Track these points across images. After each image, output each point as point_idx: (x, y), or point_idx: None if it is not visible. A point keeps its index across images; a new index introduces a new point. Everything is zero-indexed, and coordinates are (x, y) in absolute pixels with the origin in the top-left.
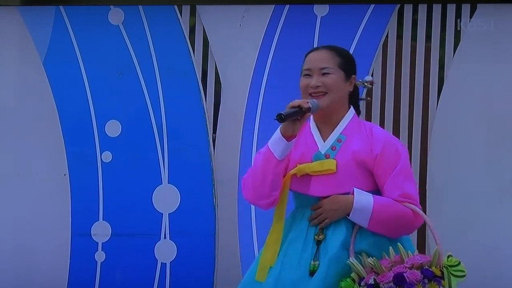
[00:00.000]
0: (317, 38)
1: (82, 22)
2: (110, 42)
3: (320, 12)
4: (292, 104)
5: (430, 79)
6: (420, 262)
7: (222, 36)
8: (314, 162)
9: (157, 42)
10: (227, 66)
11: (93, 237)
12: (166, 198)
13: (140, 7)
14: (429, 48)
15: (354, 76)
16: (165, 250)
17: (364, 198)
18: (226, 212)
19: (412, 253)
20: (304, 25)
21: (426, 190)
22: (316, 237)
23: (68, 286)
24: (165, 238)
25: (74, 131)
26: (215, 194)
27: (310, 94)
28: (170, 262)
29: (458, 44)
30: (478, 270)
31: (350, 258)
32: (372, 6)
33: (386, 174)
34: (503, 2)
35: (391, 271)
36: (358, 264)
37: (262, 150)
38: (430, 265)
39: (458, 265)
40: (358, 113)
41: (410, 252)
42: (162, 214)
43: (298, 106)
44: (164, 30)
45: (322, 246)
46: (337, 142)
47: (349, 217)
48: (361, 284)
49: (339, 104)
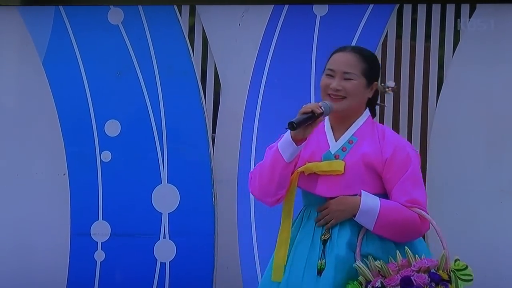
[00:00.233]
0: (316, 38)
1: (82, 22)
2: (110, 42)
3: (319, 12)
4: (304, 109)
5: (430, 79)
6: (427, 266)
7: (222, 36)
8: (323, 161)
9: (156, 42)
10: (227, 66)
11: (92, 236)
12: (166, 198)
13: (139, 7)
14: (428, 48)
15: (376, 82)
16: (164, 250)
17: (371, 201)
18: (225, 211)
19: (427, 256)
20: (303, 25)
21: (425, 190)
22: (322, 236)
23: (67, 285)
24: (164, 237)
25: (74, 131)
26: (215, 193)
27: (329, 95)
28: (169, 262)
29: (457, 44)
30: (478, 270)
31: (356, 262)
32: (371, 6)
33: (395, 178)
34: (503, 2)
35: (398, 275)
36: (365, 267)
37: (272, 147)
38: (437, 269)
39: (465, 269)
40: (373, 115)
41: (417, 256)
42: (162, 213)
43: (311, 111)
44: (163, 30)
45: (328, 245)
46: (348, 143)
47: (355, 218)
48: (367, 287)
49: (356, 108)
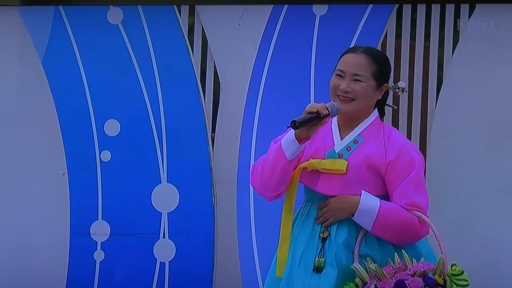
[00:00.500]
0: (316, 37)
1: (81, 22)
2: (109, 42)
3: (319, 11)
4: (310, 109)
5: (429, 79)
6: (423, 270)
7: (221, 35)
8: (326, 159)
9: (156, 42)
10: (226, 65)
11: (92, 236)
12: (165, 198)
13: (139, 7)
14: (428, 47)
15: (386, 84)
16: (164, 250)
17: (370, 201)
18: (225, 211)
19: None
20: (303, 24)
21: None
22: (321, 234)
23: (67, 285)
24: (164, 237)
25: (73, 131)
26: (214, 193)
27: (338, 96)
28: (169, 262)
29: (457, 43)
30: (477, 270)
31: (354, 263)
32: (371, 6)
33: (397, 181)
34: (502, 2)
35: (394, 278)
36: (362, 269)
37: (277, 141)
38: (434, 273)
39: (461, 274)
40: (382, 115)
41: (414, 259)
42: (161, 213)
43: (316, 111)
44: (163, 30)
45: (327, 243)
46: (353, 143)
47: (353, 218)
48: None
49: (364, 110)
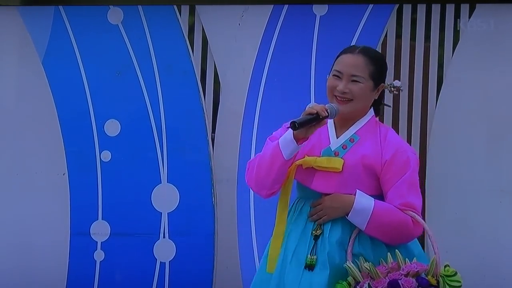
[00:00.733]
0: (316, 37)
1: (81, 21)
2: (109, 42)
3: (319, 11)
4: (309, 110)
5: (429, 79)
6: (416, 270)
7: (221, 35)
8: (322, 157)
9: (156, 42)
10: (226, 65)
11: (92, 236)
12: (165, 198)
13: (139, 7)
14: (428, 47)
15: (383, 84)
16: (164, 250)
17: (365, 200)
18: (225, 211)
19: (420, 258)
20: (303, 24)
21: (425, 189)
22: (313, 231)
23: (67, 285)
24: (164, 237)
25: (73, 131)
26: (214, 193)
27: (335, 96)
28: (169, 262)
29: (457, 43)
30: (477, 270)
31: (347, 262)
32: (371, 6)
33: (391, 181)
34: (502, 2)
35: (387, 277)
36: (355, 268)
37: (272, 138)
38: (427, 273)
39: (454, 275)
40: (378, 114)
41: (408, 259)
42: (161, 213)
43: (316, 113)
44: (163, 30)
45: (319, 241)
46: (349, 141)
47: (347, 217)
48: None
49: (361, 110)
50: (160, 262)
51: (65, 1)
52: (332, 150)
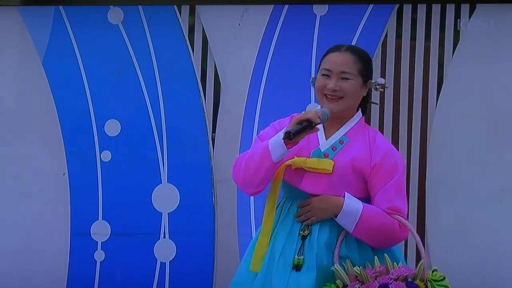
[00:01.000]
0: (316, 37)
1: (82, 21)
2: (110, 42)
3: (319, 11)
4: (301, 117)
5: (430, 79)
6: (405, 275)
7: (222, 35)
8: (312, 158)
9: (156, 42)
10: (227, 65)
11: (92, 236)
12: (166, 198)
13: (139, 7)
14: (428, 47)
15: (370, 81)
16: (164, 250)
17: (354, 203)
18: (225, 211)
19: (401, 263)
20: (303, 24)
21: (425, 189)
22: (301, 232)
23: (67, 285)
24: (164, 237)
25: (74, 131)
26: (215, 193)
27: (325, 95)
28: (169, 262)
29: (457, 43)
30: (477, 270)
31: (334, 265)
32: (371, 6)
33: (379, 184)
34: (503, 2)
35: (376, 281)
36: (342, 271)
37: (261, 137)
38: (414, 278)
39: (443, 280)
40: (364, 113)
41: (395, 263)
42: (162, 213)
43: (308, 120)
44: (163, 30)
45: (307, 242)
46: (339, 143)
47: (335, 219)
48: None
49: (351, 109)
50: (160, 262)
51: (65, 1)
52: (321, 151)
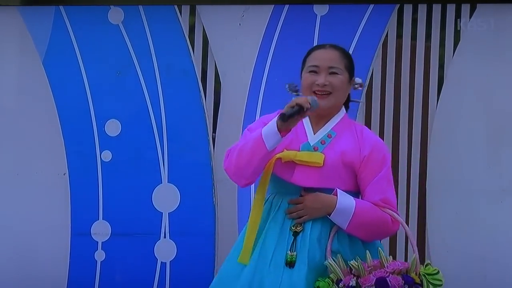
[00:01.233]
0: (316, 37)
1: (82, 21)
2: (110, 42)
3: (319, 11)
4: (292, 103)
5: (430, 79)
6: (401, 268)
7: (222, 35)
8: (302, 151)
9: (157, 42)
10: (227, 65)
11: (93, 236)
12: (166, 198)
13: (140, 7)
14: (429, 47)
15: (353, 78)
16: (165, 250)
17: (346, 200)
18: (226, 211)
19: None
20: (303, 24)
21: (426, 189)
22: (293, 228)
23: (68, 285)
24: (165, 237)
25: (74, 131)
26: (215, 193)
27: (314, 92)
28: (170, 262)
29: (458, 43)
30: (478, 270)
31: (328, 259)
32: (372, 6)
33: (370, 176)
34: (503, 2)
35: (372, 275)
36: (336, 265)
37: (251, 129)
38: (407, 271)
39: (437, 273)
40: (346, 110)
41: (388, 257)
42: (162, 213)
43: (299, 105)
44: (164, 30)
45: (299, 238)
46: (327, 137)
47: (329, 217)
48: (339, 285)
49: (337, 105)
50: (161, 262)
51: (65, 1)
52: (311, 145)
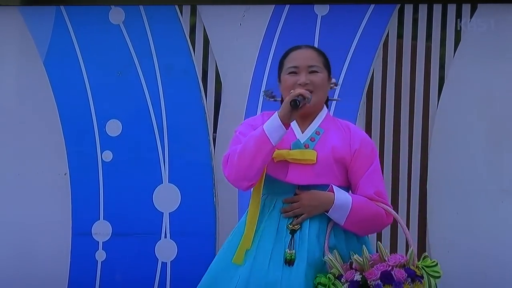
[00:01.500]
0: (317, 37)
1: (83, 21)
2: (111, 42)
3: (320, 11)
4: (295, 92)
5: (431, 79)
6: (402, 261)
7: (223, 35)
8: (294, 150)
9: (157, 42)
10: (228, 65)
11: (93, 236)
12: (167, 198)
13: (140, 7)
14: (429, 47)
15: (330, 76)
16: (165, 250)
17: (343, 196)
18: (226, 211)
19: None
20: (304, 24)
21: (426, 189)
22: (290, 226)
23: (68, 285)
24: (165, 237)
25: (75, 131)
26: (216, 193)
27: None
28: (170, 262)
29: (458, 43)
30: (478, 270)
31: (328, 255)
32: (372, 6)
33: (362, 170)
34: (503, 2)
35: (374, 269)
36: (335, 261)
37: (253, 133)
38: (406, 264)
39: (435, 265)
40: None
41: (387, 251)
42: (163, 213)
43: (303, 95)
44: (164, 30)
45: (298, 236)
46: (315, 134)
47: (327, 213)
48: (341, 280)
49: (319, 103)
50: (161, 262)
51: (66, 1)
52: (301, 142)
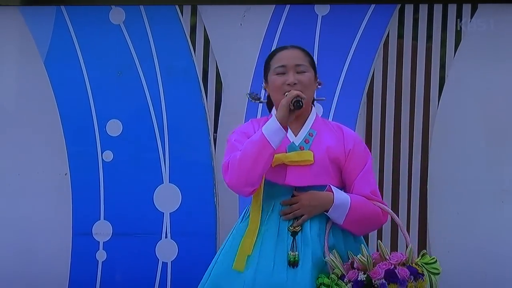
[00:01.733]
0: (317, 37)
1: (83, 21)
2: (111, 42)
3: (321, 11)
4: (290, 97)
5: (431, 79)
6: (403, 259)
7: (223, 35)
8: (290, 152)
9: (158, 42)
10: (228, 65)
11: (94, 236)
12: (167, 198)
13: (141, 7)
14: (430, 47)
15: (317, 76)
16: (166, 250)
17: (341, 195)
18: (227, 211)
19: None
20: (305, 24)
21: (427, 189)
22: (291, 228)
23: (69, 285)
24: (166, 237)
25: (75, 131)
26: (216, 193)
27: (284, 94)
28: (171, 262)
29: (459, 44)
30: (478, 270)
31: (329, 255)
32: (373, 6)
33: (356, 169)
34: (503, 2)
35: (377, 268)
36: (337, 261)
37: (252, 138)
38: (405, 262)
39: (435, 262)
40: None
41: (387, 250)
42: (163, 213)
43: (300, 96)
44: (165, 30)
45: (299, 237)
46: (309, 135)
47: (327, 213)
48: (344, 280)
49: (309, 104)
50: (162, 262)
51: (66, 1)
52: (296, 144)
